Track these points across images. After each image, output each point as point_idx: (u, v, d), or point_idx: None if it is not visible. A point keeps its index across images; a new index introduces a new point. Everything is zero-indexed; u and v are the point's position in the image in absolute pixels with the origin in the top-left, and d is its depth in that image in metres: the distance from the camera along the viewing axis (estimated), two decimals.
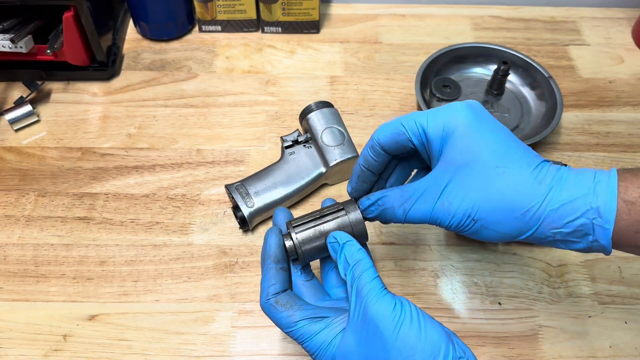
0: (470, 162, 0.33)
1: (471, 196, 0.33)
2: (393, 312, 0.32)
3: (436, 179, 0.34)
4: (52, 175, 0.60)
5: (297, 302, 0.37)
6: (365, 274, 0.34)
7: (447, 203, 0.34)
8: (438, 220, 0.35)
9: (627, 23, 0.78)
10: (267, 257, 0.39)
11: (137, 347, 0.49)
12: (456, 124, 0.34)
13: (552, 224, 0.32)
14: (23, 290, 0.52)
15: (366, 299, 0.33)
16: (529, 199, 0.32)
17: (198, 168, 0.61)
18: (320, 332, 0.35)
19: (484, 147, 0.33)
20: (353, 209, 0.39)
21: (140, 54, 0.72)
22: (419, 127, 0.35)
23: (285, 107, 0.67)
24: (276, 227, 0.40)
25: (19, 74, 0.67)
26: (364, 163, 0.39)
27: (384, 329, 0.32)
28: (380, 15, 0.78)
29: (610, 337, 0.50)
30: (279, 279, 0.38)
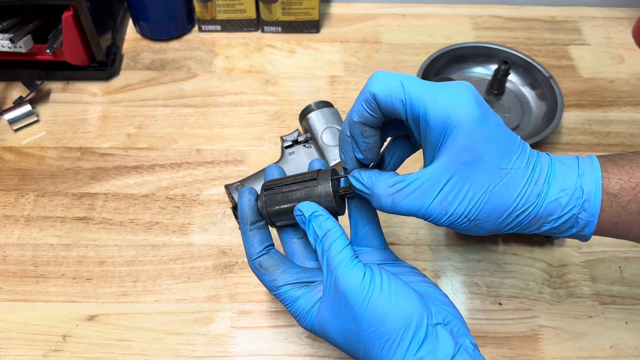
0: (474, 161, 0.31)
1: (472, 197, 0.32)
2: (362, 283, 0.32)
3: (435, 173, 0.32)
4: (52, 175, 0.60)
5: (281, 265, 0.37)
6: (334, 244, 0.33)
7: (446, 203, 0.32)
8: (431, 217, 0.33)
9: (628, 23, 0.78)
10: (240, 219, 0.38)
11: (137, 347, 0.49)
12: (462, 117, 0.31)
13: (540, 220, 0.32)
14: (22, 291, 0.52)
15: (336, 271, 0.33)
16: (525, 201, 0.32)
17: (198, 168, 0.61)
18: (300, 298, 0.36)
19: (489, 146, 0.31)
20: (324, 180, 0.36)
21: (140, 54, 0.72)
22: (421, 107, 0.31)
23: (285, 107, 0.67)
24: (249, 187, 0.39)
25: (18, 73, 0.67)
26: (359, 118, 0.33)
27: (353, 301, 0.32)
28: (380, 15, 0.78)
29: (611, 338, 0.50)
30: (257, 239, 0.37)
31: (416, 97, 0.31)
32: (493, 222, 0.32)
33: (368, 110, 0.33)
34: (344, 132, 0.35)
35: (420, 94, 0.31)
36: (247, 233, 0.38)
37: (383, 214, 0.46)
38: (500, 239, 0.56)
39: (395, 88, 0.32)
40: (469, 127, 0.31)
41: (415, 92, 0.31)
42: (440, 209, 0.32)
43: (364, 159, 0.35)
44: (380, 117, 0.33)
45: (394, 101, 0.32)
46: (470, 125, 0.31)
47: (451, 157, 0.31)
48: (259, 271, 0.37)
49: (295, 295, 0.36)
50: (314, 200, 0.36)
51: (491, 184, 0.31)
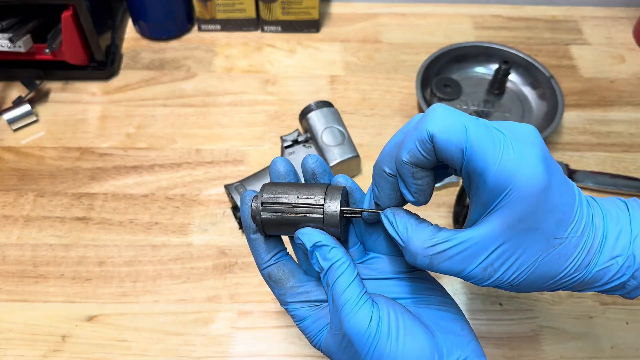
0: (530, 230, 0.28)
1: (520, 267, 0.29)
2: (368, 329, 0.30)
3: (484, 239, 0.28)
4: (51, 175, 0.60)
5: (291, 279, 0.35)
6: (340, 280, 0.31)
7: (492, 269, 0.29)
8: (470, 280, 0.29)
9: (629, 22, 0.78)
10: (245, 227, 0.35)
11: (136, 347, 0.48)
12: (525, 184, 0.27)
13: (585, 285, 0.30)
14: (22, 291, 0.52)
15: (341, 312, 0.30)
16: (574, 271, 0.30)
17: (197, 168, 0.61)
18: (307, 319, 0.34)
19: (549, 215, 0.28)
20: (333, 204, 0.32)
21: (139, 54, 0.72)
22: (481, 162, 0.27)
23: (285, 107, 0.66)
24: (250, 192, 0.34)
25: (17, 73, 0.66)
26: (410, 159, 0.29)
27: (358, 347, 0.30)
28: (380, 14, 0.78)
29: (612, 338, 0.50)
30: (263, 248, 0.35)
31: (479, 148, 0.27)
32: (535, 287, 0.30)
33: (422, 152, 0.28)
34: (381, 167, 0.31)
35: (483, 146, 0.27)
36: (252, 242, 0.35)
37: None
38: None
39: (457, 132, 0.27)
40: (532, 197, 0.27)
41: (478, 141, 0.27)
42: (484, 274, 0.29)
43: (416, 202, 0.31)
44: (434, 161, 0.29)
45: (452, 148, 0.27)
46: (534, 195, 0.27)
47: (505, 223, 0.28)
48: (269, 283, 0.35)
49: (304, 315, 0.34)
50: (317, 225, 0.32)
51: (542, 254, 0.29)
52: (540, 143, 0.28)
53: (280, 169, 0.35)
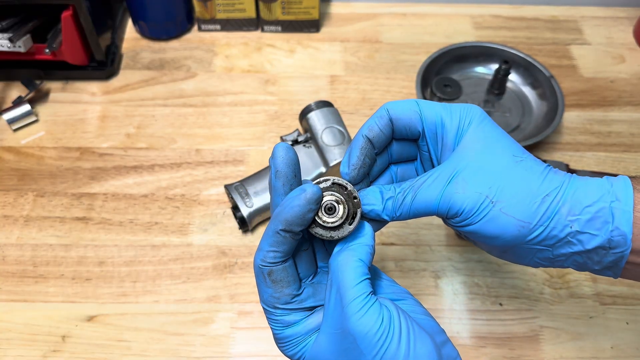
0: (487, 148, 0.32)
1: (489, 176, 0.30)
2: (378, 330, 0.28)
3: (451, 162, 0.32)
4: (51, 175, 0.60)
5: (291, 284, 0.32)
6: (351, 272, 0.29)
7: (463, 182, 0.30)
8: (450, 203, 0.30)
9: (629, 22, 0.78)
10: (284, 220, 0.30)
11: (136, 347, 0.48)
12: (473, 117, 0.33)
13: (570, 211, 0.29)
14: (22, 291, 0.52)
15: (347, 310, 0.28)
16: (547, 185, 0.30)
17: (197, 168, 0.61)
18: (294, 325, 0.32)
19: (501, 139, 0.32)
20: None
21: (139, 54, 0.72)
22: (437, 115, 0.33)
23: (285, 107, 0.66)
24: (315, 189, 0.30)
25: (17, 73, 0.66)
26: (368, 133, 0.33)
27: (365, 350, 0.28)
28: (380, 14, 0.78)
29: (612, 338, 0.50)
30: (286, 248, 0.31)
31: (430, 108, 0.33)
32: (519, 207, 0.30)
33: (379, 125, 0.33)
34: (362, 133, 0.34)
35: (432, 107, 0.33)
36: (279, 237, 0.30)
37: None
38: None
39: (410, 103, 0.33)
40: (482, 122, 0.32)
41: (428, 105, 0.33)
42: (457, 190, 0.30)
43: (346, 174, 0.33)
44: (388, 135, 0.34)
45: (410, 115, 0.33)
46: (483, 121, 0.33)
47: (466, 147, 0.32)
48: (264, 281, 0.32)
49: (291, 320, 0.32)
50: None
51: (508, 166, 0.31)
52: None
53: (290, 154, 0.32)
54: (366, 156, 0.33)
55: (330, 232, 0.31)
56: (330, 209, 0.31)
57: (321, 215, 0.31)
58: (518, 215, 0.30)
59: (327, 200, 0.31)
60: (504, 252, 0.32)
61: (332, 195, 0.31)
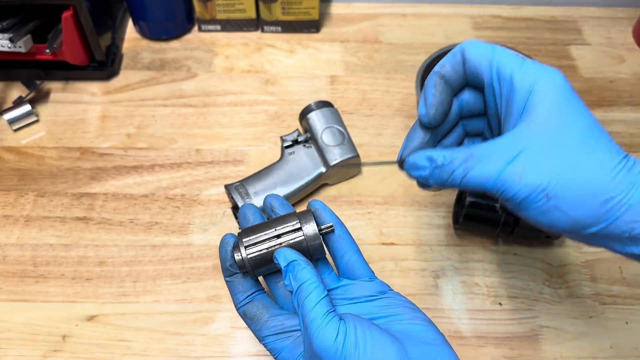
0: (559, 129, 0.28)
1: (552, 167, 0.28)
2: (335, 342, 0.30)
3: (513, 139, 0.29)
4: (51, 175, 0.60)
5: (265, 314, 0.37)
6: (309, 299, 0.32)
7: (521, 169, 0.28)
8: (503, 187, 0.29)
9: (628, 22, 0.78)
10: (222, 269, 0.38)
11: (137, 347, 0.48)
12: (551, 85, 0.29)
13: (631, 217, 0.27)
14: (22, 291, 0.52)
15: (309, 329, 0.31)
16: (615, 186, 0.28)
17: (197, 168, 0.61)
18: (283, 351, 0.36)
19: (577, 120, 0.29)
20: (309, 222, 0.36)
21: (140, 54, 0.72)
22: (509, 69, 0.30)
23: (285, 107, 0.66)
24: (227, 238, 0.38)
25: (17, 73, 0.66)
26: (440, 69, 0.32)
27: None
28: (380, 15, 0.78)
29: (611, 338, 0.50)
30: (241, 288, 0.37)
31: (505, 59, 0.31)
32: (575, 206, 0.28)
33: (452, 65, 0.32)
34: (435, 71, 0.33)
35: (509, 59, 0.31)
36: (229, 284, 0.38)
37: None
38: (501, 239, 0.56)
39: (486, 47, 0.32)
40: (558, 94, 0.29)
41: (504, 55, 0.31)
42: (514, 176, 0.28)
43: (425, 115, 0.32)
44: (461, 74, 0.33)
45: (481, 60, 0.31)
46: (559, 93, 0.29)
47: (534, 122, 0.29)
48: (245, 321, 0.37)
49: (280, 346, 0.36)
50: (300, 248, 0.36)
51: (576, 158, 0.28)
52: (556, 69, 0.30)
53: (248, 213, 0.39)
54: (442, 92, 0.33)
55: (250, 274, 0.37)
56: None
57: None
58: (572, 213, 0.28)
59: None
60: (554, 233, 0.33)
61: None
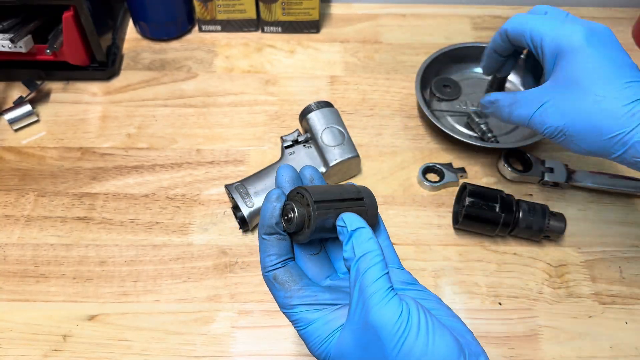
0: (572, 85, 0.39)
1: (565, 115, 0.40)
2: (397, 321, 0.29)
3: (541, 92, 0.42)
4: (52, 175, 0.60)
5: (299, 281, 0.34)
6: (371, 270, 0.30)
7: (544, 116, 0.42)
8: (534, 126, 0.43)
9: (628, 23, 0.78)
10: (261, 225, 0.34)
11: (137, 347, 0.49)
12: (570, 46, 0.40)
13: (636, 153, 0.37)
14: (23, 291, 0.52)
15: (369, 302, 0.29)
16: (617, 127, 0.37)
17: (198, 168, 0.61)
18: (316, 322, 0.33)
19: (590, 74, 0.39)
20: (370, 197, 0.36)
21: (140, 54, 0.72)
22: (537, 40, 0.42)
23: (285, 107, 0.67)
24: (278, 191, 0.35)
25: (18, 73, 0.67)
26: (492, 46, 0.49)
27: (385, 340, 0.29)
28: (380, 15, 0.78)
29: (611, 338, 0.50)
30: (277, 250, 0.34)
31: (537, 31, 0.43)
32: (586, 141, 0.40)
33: (499, 40, 0.48)
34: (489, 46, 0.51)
35: (540, 29, 0.43)
36: (265, 242, 0.34)
37: None
38: (500, 238, 0.56)
39: (522, 21, 0.44)
40: (573, 57, 0.40)
41: (537, 27, 0.43)
42: (540, 120, 0.42)
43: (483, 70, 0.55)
44: (508, 46, 0.48)
45: (520, 31, 0.44)
46: (575, 56, 0.40)
47: (554, 81, 0.41)
48: (273, 285, 0.34)
49: (311, 318, 0.33)
50: None
51: (584, 106, 0.39)
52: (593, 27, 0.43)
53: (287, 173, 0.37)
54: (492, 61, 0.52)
55: (296, 236, 0.34)
56: (286, 216, 0.34)
57: (284, 223, 0.34)
58: (586, 146, 0.40)
59: (285, 208, 0.34)
60: None
61: (289, 204, 0.34)
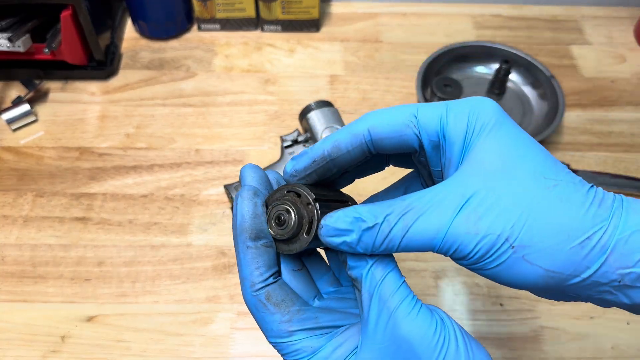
0: (508, 167, 0.24)
1: (511, 211, 0.23)
2: (434, 335, 0.25)
3: (457, 185, 0.24)
4: (50, 175, 0.60)
5: (295, 301, 0.27)
6: (389, 278, 0.26)
7: (475, 217, 0.23)
8: (456, 243, 0.24)
9: (629, 22, 0.77)
10: (242, 230, 0.27)
11: (136, 348, 0.48)
12: (486, 121, 0.25)
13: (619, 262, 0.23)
14: (21, 291, 0.51)
15: (397, 314, 0.25)
16: (591, 223, 0.23)
17: (197, 168, 0.61)
18: (323, 350, 0.27)
19: (525, 152, 0.25)
20: (352, 200, 0.31)
21: (139, 53, 0.72)
22: (437, 121, 0.25)
23: (284, 107, 0.66)
24: (251, 187, 0.28)
25: (16, 73, 0.66)
26: (331, 151, 0.27)
27: (424, 355, 0.24)
28: (380, 14, 0.77)
29: (613, 339, 0.49)
30: (266, 260, 0.27)
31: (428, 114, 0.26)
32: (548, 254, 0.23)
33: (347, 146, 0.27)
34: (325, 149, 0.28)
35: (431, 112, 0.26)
36: (251, 251, 0.27)
37: None
38: None
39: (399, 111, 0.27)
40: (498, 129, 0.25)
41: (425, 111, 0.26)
42: (468, 226, 0.24)
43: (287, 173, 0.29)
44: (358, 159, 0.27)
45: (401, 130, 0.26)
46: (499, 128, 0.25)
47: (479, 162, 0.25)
48: (266, 307, 0.27)
49: (316, 345, 0.27)
50: None
51: (536, 195, 0.24)
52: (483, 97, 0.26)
53: (260, 172, 0.30)
54: (315, 172, 0.28)
55: (289, 244, 0.27)
56: (278, 219, 0.27)
57: (273, 228, 0.27)
58: (547, 264, 0.23)
59: (276, 210, 0.27)
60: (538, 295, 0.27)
61: (282, 204, 0.27)
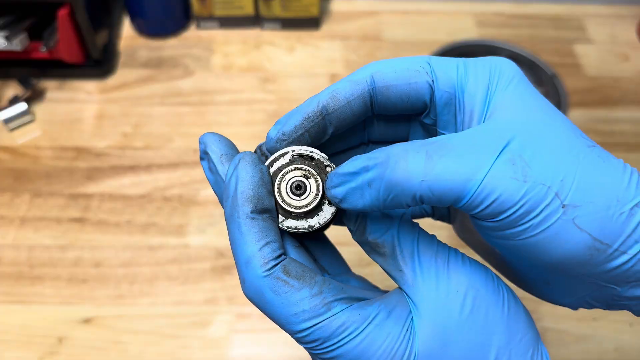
0: (546, 119, 0.20)
1: (559, 162, 0.19)
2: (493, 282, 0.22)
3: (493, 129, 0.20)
4: (47, 175, 0.59)
5: (317, 272, 0.23)
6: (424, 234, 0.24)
7: (522, 163, 0.19)
8: (496, 191, 0.19)
9: (632, 21, 0.77)
10: (244, 200, 0.22)
11: (133, 350, 0.48)
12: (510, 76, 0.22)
13: None
14: (18, 292, 0.51)
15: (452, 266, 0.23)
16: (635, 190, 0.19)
17: (195, 168, 0.60)
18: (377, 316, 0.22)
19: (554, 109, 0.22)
20: None
21: (136, 52, 0.71)
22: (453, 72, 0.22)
23: (284, 106, 0.66)
24: (250, 153, 0.23)
25: (13, 72, 0.66)
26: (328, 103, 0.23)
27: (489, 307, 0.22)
28: (381, 11, 0.77)
29: (615, 340, 0.49)
30: (274, 234, 0.22)
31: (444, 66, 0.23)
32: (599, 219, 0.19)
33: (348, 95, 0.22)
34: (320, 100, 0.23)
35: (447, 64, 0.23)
36: (255, 224, 0.22)
37: None
38: None
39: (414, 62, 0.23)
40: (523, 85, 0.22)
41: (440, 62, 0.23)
42: (515, 170, 0.19)
43: (270, 139, 0.24)
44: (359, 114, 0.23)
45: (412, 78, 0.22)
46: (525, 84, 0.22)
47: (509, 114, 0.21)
48: (287, 284, 0.22)
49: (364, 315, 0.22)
50: None
51: (580, 150, 0.20)
52: None
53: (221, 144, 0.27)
54: (307, 132, 0.23)
55: (307, 219, 0.23)
56: (298, 188, 0.22)
57: (289, 200, 0.22)
58: (596, 231, 0.19)
59: (292, 177, 0.22)
60: (546, 283, 0.23)
61: (296, 170, 0.23)
